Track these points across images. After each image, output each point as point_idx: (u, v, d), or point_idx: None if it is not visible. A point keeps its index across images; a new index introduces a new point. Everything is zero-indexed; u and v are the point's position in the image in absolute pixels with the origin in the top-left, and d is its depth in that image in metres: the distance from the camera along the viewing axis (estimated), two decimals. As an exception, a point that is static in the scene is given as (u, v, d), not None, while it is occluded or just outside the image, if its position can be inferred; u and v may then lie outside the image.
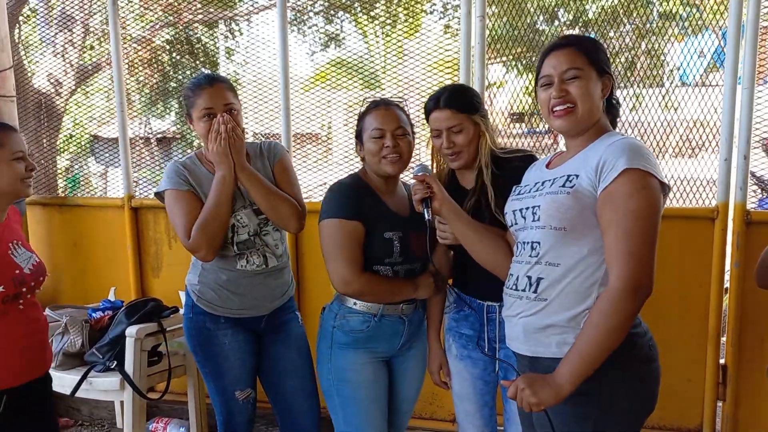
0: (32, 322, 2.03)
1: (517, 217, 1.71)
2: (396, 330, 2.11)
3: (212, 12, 4.47)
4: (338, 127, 4.31)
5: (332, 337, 2.08)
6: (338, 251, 1.99)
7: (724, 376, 2.82)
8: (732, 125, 2.66)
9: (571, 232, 1.55)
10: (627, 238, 1.46)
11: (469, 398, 2.12)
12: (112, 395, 2.93)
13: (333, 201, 2.02)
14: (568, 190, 1.56)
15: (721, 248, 2.74)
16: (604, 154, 1.53)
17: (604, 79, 1.63)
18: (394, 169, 2.04)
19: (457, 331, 2.11)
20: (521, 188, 1.78)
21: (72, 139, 5.34)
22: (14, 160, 1.96)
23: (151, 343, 2.87)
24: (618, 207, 1.48)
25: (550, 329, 1.60)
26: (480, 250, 1.88)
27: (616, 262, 1.47)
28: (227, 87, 2.20)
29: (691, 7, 3.37)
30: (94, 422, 3.64)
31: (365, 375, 2.08)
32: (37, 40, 4.79)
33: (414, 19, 3.92)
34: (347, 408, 2.08)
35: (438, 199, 1.86)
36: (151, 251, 3.53)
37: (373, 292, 2.04)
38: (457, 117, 1.97)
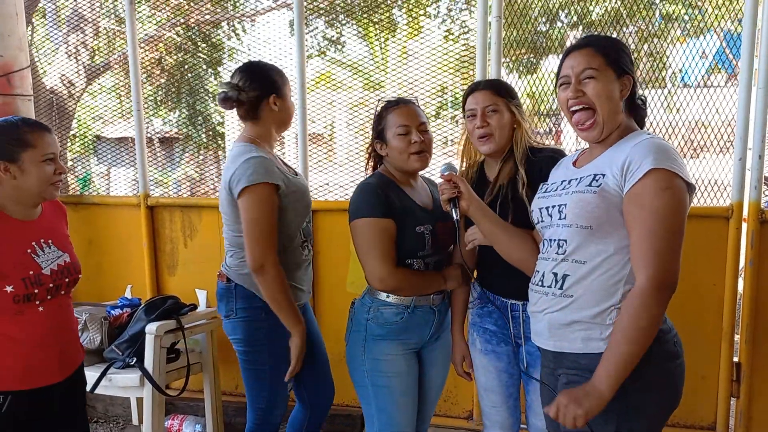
0: (54, 324, 2.00)
1: (543, 214, 1.73)
2: (427, 320, 2.16)
3: (219, 13, 4.49)
4: (341, 128, 4.33)
5: (366, 329, 2.12)
6: (373, 250, 2.03)
7: (738, 374, 2.84)
8: (747, 124, 2.68)
9: (598, 231, 1.57)
10: (652, 237, 1.49)
11: (495, 390, 2.16)
12: (131, 392, 2.96)
13: (363, 201, 2.05)
14: (594, 189, 1.58)
15: (735, 247, 2.76)
16: (630, 154, 1.55)
17: (624, 79, 1.64)
18: (421, 165, 2.10)
19: (481, 326, 2.15)
20: (548, 186, 1.80)
21: (76, 139, 5.36)
22: (44, 161, 1.93)
23: (170, 340, 2.90)
24: (644, 206, 1.50)
25: (575, 325, 1.62)
26: (508, 247, 1.92)
27: (642, 261, 1.50)
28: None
29: (693, 9, 3.40)
30: (109, 419, 3.66)
31: (399, 366, 2.12)
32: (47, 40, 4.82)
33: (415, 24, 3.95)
34: (381, 397, 2.13)
35: (465, 199, 1.89)
36: (167, 249, 3.55)
37: (408, 286, 2.09)
38: (494, 98, 2.02)
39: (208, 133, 5.99)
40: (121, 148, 4.61)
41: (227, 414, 3.34)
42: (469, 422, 3.23)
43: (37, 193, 1.96)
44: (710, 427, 2.95)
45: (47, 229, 2.05)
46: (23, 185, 1.93)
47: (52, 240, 2.04)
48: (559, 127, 4.06)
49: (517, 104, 2.06)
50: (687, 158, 3.19)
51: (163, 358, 2.87)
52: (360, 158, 3.52)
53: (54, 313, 2.00)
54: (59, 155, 2.03)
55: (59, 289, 2.01)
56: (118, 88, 4.80)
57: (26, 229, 1.98)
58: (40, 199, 2.01)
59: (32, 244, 1.97)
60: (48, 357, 1.98)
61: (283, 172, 2.24)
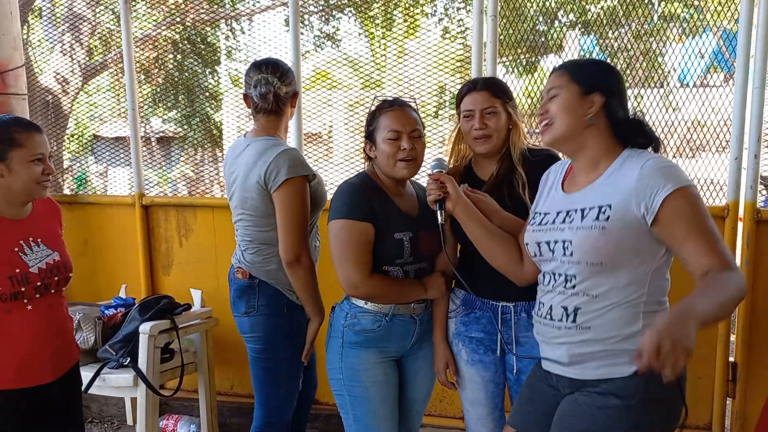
0: (45, 323, 2.00)
1: (543, 249, 1.68)
2: (407, 330, 2.09)
3: (215, 11, 4.49)
4: (339, 127, 4.33)
5: (343, 336, 2.06)
6: (347, 254, 1.96)
7: (734, 374, 2.84)
8: (743, 124, 2.68)
9: (607, 266, 1.55)
10: (713, 239, 1.48)
11: (481, 402, 2.11)
12: (125, 392, 2.95)
13: (343, 201, 1.98)
14: (603, 224, 1.54)
15: (731, 246, 2.75)
16: (642, 181, 1.51)
17: (592, 96, 1.60)
18: (408, 173, 2.03)
19: (467, 336, 2.08)
20: (541, 216, 1.73)
21: (73, 138, 5.36)
22: (32, 161, 1.93)
23: (164, 340, 2.89)
24: (689, 218, 1.48)
25: (599, 354, 1.59)
26: (491, 252, 1.90)
27: (717, 260, 1.46)
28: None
29: (690, 9, 3.40)
30: (103, 419, 3.65)
31: (376, 375, 2.05)
32: (43, 39, 4.81)
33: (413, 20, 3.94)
34: (357, 407, 2.06)
35: (452, 200, 1.86)
36: (162, 249, 3.54)
37: (383, 294, 2.02)
38: (492, 100, 1.98)
39: (206, 133, 5.99)
40: (118, 148, 4.60)
41: (222, 414, 3.33)
42: (464, 422, 3.21)
43: (25, 192, 1.96)
44: (706, 427, 2.94)
45: (37, 228, 2.04)
46: (11, 184, 1.93)
47: (42, 238, 2.03)
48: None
49: (513, 105, 2.03)
50: (684, 157, 3.19)
51: (157, 358, 2.85)
52: (358, 157, 3.51)
53: (44, 311, 1.99)
54: (51, 155, 2.03)
55: (48, 288, 2.00)
56: (114, 88, 4.80)
57: (14, 228, 1.98)
58: (28, 198, 2.01)
59: (20, 242, 1.97)
60: (40, 356, 1.98)
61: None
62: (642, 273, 1.55)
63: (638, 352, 1.26)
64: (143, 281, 3.54)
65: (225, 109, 5.19)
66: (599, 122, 1.61)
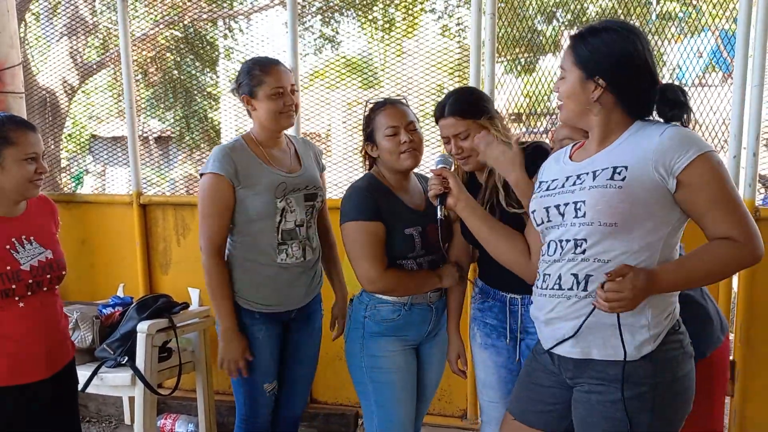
0: (38, 320, 2.00)
1: (551, 213, 1.65)
2: (425, 318, 2.17)
3: (214, 10, 4.48)
4: (337, 126, 4.32)
5: (364, 327, 2.14)
6: (362, 252, 2.03)
7: (733, 373, 2.83)
8: (741, 122, 2.68)
9: (623, 227, 1.52)
10: (734, 209, 1.49)
11: (493, 386, 2.14)
12: (123, 391, 2.95)
13: (352, 204, 2.06)
14: (619, 183, 1.51)
15: (729, 245, 2.75)
16: (662, 146, 1.50)
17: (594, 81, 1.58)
18: (412, 163, 2.09)
19: (482, 321, 2.14)
20: (548, 183, 1.71)
21: (71, 138, 5.35)
22: (25, 160, 1.94)
23: (162, 339, 2.88)
24: (711, 187, 1.48)
25: (609, 327, 1.54)
26: (497, 248, 1.90)
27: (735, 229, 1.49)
28: (289, 70, 2.30)
29: (689, 8, 3.40)
30: (101, 419, 3.64)
31: (397, 362, 2.13)
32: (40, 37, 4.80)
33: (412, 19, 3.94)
34: (380, 393, 2.13)
35: (453, 196, 1.88)
36: (160, 248, 3.53)
37: (400, 287, 2.09)
38: (462, 123, 1.98)
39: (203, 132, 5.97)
40: (117, 147, 4.59)
41: (220, 413, 3.32)
42: (463, 421, 3.22)
43: (17, 191, 1.97)
44: (705, 426, 2.94)
45: (30, 226, 2.05)
46: (3, 183, 1.95)
47: (35, 236, 2.04)
48: (554, 126, 4.06)
49: (489, 117, 2.00)
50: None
51: (155, 357, 2.85)
52: (357, 156, 3.51)
53: (36, 309, 2.00)
54: (44, 154, 2.03)
55: (40, 286, 2.00)
56: (112, 87, 4.79)
57: (6, 226, 1.99)
58: (20, 197, 2.01)
59: (12, 240, 1.98)
60: (33, 353, 1.99)
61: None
62: (655, 238, 1.53)
63: (613, 275, 1.47)
64: (141, 280, 3.54)
65: (223, 109, 5.18)
66: (607, 101, 1.59)
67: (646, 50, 1.58)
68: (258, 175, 2.21)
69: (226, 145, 2.24)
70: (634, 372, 1.54)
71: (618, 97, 1.59)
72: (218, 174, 2.17)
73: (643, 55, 1.57)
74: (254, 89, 2.22)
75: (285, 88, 2.22)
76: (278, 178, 2.24)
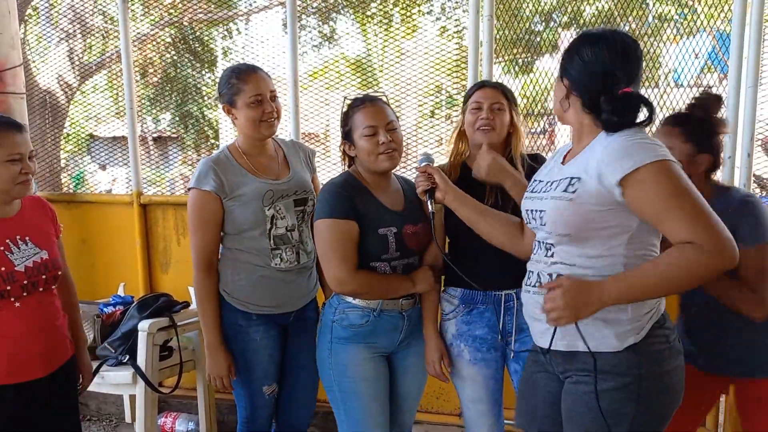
0: (35, 320, 2.01)
1: (529, 217, 1.73)
2: (395, 325, 2.11)
3: (213, 11, 4.50)
4: (336, 127, 4.34)
5: (332, 331, 2.09)
6: (332, 251, 1.99)
7: (728, 370, 2.85)
8: (736, 123, 2.70)
9: (576, 238, 1.58)
10: (688, 214, 1.44)
11: (483, 399, 2.15)
12: (124, 389, 2.96)
13: (325, 201, 2.02)
14: (570, 195, 1.57)
15: (724, 244, 2.77)
16: (604, 159, 1.52)
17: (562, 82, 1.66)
18: (391, 164, 2.05)
19: (470, 335, 2.11)
20: (534, 185, 1.78)
21: (70, 138, 5.36)
22: (9, 161, 1.93)
23: (163, 338, 2.90)
24: (656, 198, 1.46)
25: (583, 322, 1.57)
26: (489, 231, 1.93)
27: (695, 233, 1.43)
28: (268, 76, 2.29)
29: (685, 9, 3.43)
30: (102, 417, 3.66)
31: (366, 370, 2.08)
32: (41, 37, 4.81)
33: (410, 20, 3.96)
34: (348, 402, 2.09)
35: (441, 190, 1.91)
36: (160, 247, 3.56)
37: (370, 290, 2.04)
38: (500, 97, 2.09)
39: (202, 133, 5.99)
40: (115, 148, 4.61)
41: (221, 412, 3.35)
42: (461, 419, 3.22)
43: (3, 191, 1.97)
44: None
45: (25, 226, 2.05)
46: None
47: (30, 237, 2.04)
48: (551, 126, 4.09)
49: (517, 111, 2.13)
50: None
51: (156, 355, 2.86)
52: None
53: (33, 309, 2.01)
54: (33, 154, 2.03)
55: (36, 286, 2.01)
56: (112, 87, 4.81)
57: (4, 225, 2.00)
58: (8, 198, 2.01)
59: (6, 241, 1.98)
60: (30, 352, 2.00)
61: None
62: (614, 244, 1.55)
63: (547, 287, 1.54)
64: (141, 279, 3.55)
65: (221, 110, 5.19)
66: (575, 103, 1.64)
67: (620, 57, 1.58)
68: (243, 186, 2.21)
69: (211, 158, 2.24)
70: (618, 363, 1.57)
71: (582, 102, 1.63)
72: (203, 189, 2.17)
73: (610, 60, 1.57)
74: (233, 98, 2.21)
75: (264, 96, 2.20)
76: (264, 187, 2.23)
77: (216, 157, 2.25)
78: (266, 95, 2.21)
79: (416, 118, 3.99)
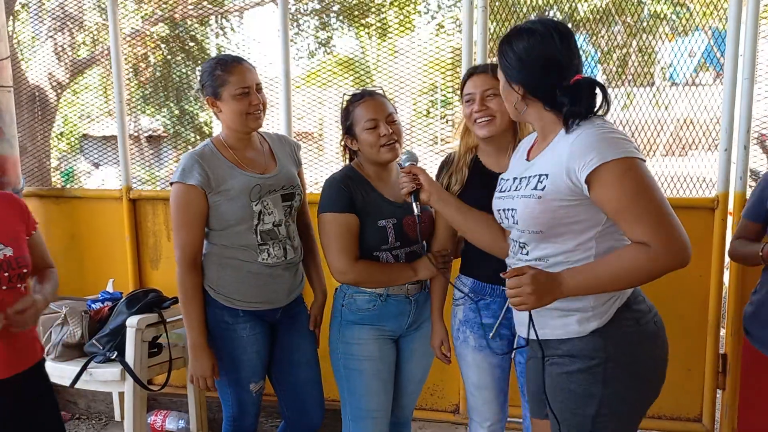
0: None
1: (501, 216, 1.74)
2: (403, 310, 2.16)
3: (204, 8, 4.46)
4: (330, 125, 4.31)
5: (341, 315, 2.16)
6: (332, 243, 2.06)
7: (724, 366, 2.84)
8: (732, 116, 2.69)
9: (547, 234, 1.59)
10: (645, 215, 1.47)
11: (488, 386, 2.15)
12: (112, 386, 2.91)
13: (327, 195, 2.09)
14: (539, 193, 1.57)
15: (720, 238, 2.77)
16: (572, 153, 1.51)
17: (514, 86, 1.63)
18: (393, 155, 2.09)
19: (477, 322, 2.10)
20: (502, 183, 1.78)
21: (62, 137, 5.30)
22: None
23: (152, 334, 2.85)
24: (617, 195, 1.47)
25: (555, 312, 1.63)
26: (474, 233, 1.94)
27: (648, 234, 1.46)
28: (253, 67, 2.25)
29: (681, 7, 3.41)
30: (91, 415, 3.61)
31: (370, 349, 2.13)
32: (30, 33, 4.76)
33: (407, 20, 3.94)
34: (352, 380, 2.15)
35: (425, 191, 1.90)
36: (150, 243, 3.51)
37: (370, 279, 2.10)
38: (493, 81, 1.92)
39: (195, 130, 5.95)
40: (107, 146, 4.55)
41: (211, 409, 3.30)
42: (456, 416, 3.21)
43: None
44: (696, 419, 2.95)
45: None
46: None
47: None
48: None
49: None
50: (675, 155, 3.19)
51: (145, 352, 2.82)
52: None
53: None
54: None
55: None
56: (103, 85, 4.75)
57: None
58: None
59: None
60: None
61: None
62: (586, 238, 1.57)
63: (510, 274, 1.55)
64: (131, 275, 3.51)
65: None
66: (532, 104, 1.62)
67: (561, 46, 1.56)
68: (230, 180, 2.16)
69: (194, 152, 2.18)
70: (584, 347, 1.61)
71: (542, 102, 1.61)
72: (188, 183, 2.12)
73: (553, 52, 1.56)
74: (218, 90, 2.16)
75: (250, 87, 2.16)
76: (252, 181, 2.18)
77: (200, 151, 2.19)
78: (252, 87, 2.18)
79: (411, 116, 3.97)
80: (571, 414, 1.63)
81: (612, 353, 1.59)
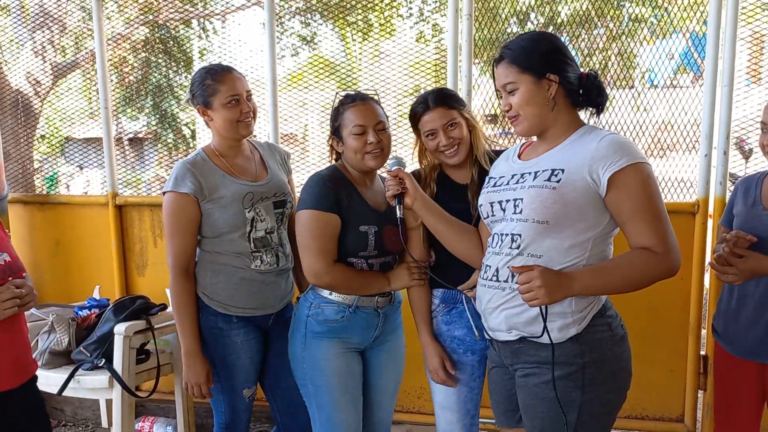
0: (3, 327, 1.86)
1: (495, 208, 1.75)
2: (370, 323, 2.12)
3: (188, 10, 4.44)
4: (314, 128, 4.32)
5: (306, 326, 2.09)
6: (311, 243, 2.00)
7: (705, 367, 2.90)
8: (712, 122, 2.74)
9: (554, 226, 1.62)
10: (656, 221, 1.57)
11: (452, 407, 2.12)
12: (100, 393, 2.90)
13: (310, 192, 2.02)
14: (553, 184, 1.62)
15: (701, 241, 2.82)
16: (599, 152, 1.59)
17: (546, 79, 1.66)
18: (376, 164, 2.06)
19: (449, 335, 2.10)
20: (495, 180, 1.81)
21: (44, 140, 5.26)
22: None
23: (140, 341, 2.85)
24: (637, 197, 1.57)
25: (535, 315, 1.64)
26: (453, 242, 1.95)
27: (655, 240, 1.57)
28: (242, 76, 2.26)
29: (660, 10, 3.46)
30: (78, 422, 3.60)
31: (338, 365, 2.08)
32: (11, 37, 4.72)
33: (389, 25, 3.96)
34: (320, 396, 2.10)
35: (410, 195, 1.91)
36: (136, 249, 3.50)
37: (345, 285, 2.05)
38: (450, 113, 2.02)
39: (178, 133, 5.93)
40: (89, 149, 4.52)
41: (199, 415, 3.30)
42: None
43: None
44: (678, 419, 3.00)
45: None
46: None
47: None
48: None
49: (467, 110, 2.08)
50: (654, 157, 3.24)
51: (133, 359, 2.81)
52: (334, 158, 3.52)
53: None
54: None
55: None
56: (87, 88, 4.72)
57: None
58: None
59: None
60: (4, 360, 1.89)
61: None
62: (585, 239, 1.62)
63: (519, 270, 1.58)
64: (117, 282, 3.50)
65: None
66: (560, 99, 1.68)
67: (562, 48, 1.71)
68: (223, 188, 2.18)
69: (186, 161, 2.20)
70: (562, 353, 1.64)
71: (566, 90, 1.68)
72: (180, 192, 2.14)
73: (566, 48, 1.71)
74: (209, 99, 2.19)
75: (240, 95, 2.19)
76: (244, 189, 2.21)
77: (192, 159, 2.22)
78: (243, 95, 2.20)
79: (395, 118, 3.99)
80: (551, 422, 1.66)
81: (589, 359, 1.63)
